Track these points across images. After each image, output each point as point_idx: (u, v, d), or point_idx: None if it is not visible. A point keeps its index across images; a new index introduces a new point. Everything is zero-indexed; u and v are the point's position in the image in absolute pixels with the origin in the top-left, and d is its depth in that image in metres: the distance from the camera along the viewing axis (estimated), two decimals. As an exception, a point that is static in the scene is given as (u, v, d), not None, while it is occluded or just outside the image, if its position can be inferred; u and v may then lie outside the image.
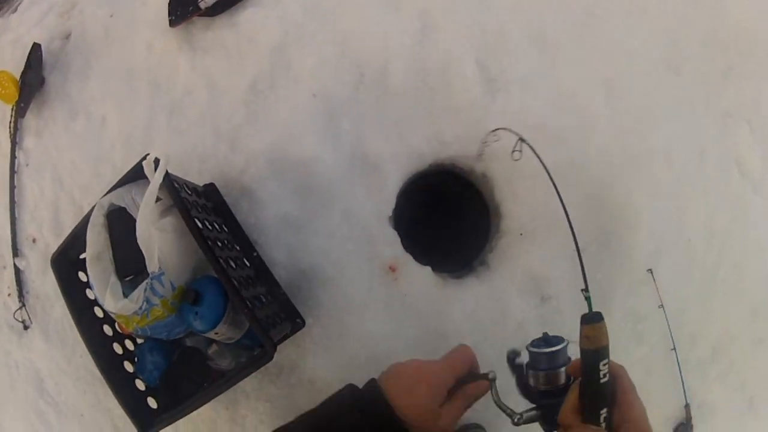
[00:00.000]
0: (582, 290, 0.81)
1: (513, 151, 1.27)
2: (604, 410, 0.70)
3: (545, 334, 0.87)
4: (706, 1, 1.91)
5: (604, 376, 0.70)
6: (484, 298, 1.50)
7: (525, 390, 0.84)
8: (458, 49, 1.57)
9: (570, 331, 1.52)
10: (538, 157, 1.14)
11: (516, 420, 0.79)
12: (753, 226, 1.80)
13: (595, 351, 0.70)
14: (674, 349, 1.65)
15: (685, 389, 1.69)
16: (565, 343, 0.83)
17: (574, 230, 1.48)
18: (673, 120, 1.74)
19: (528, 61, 1.62)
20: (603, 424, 0.70)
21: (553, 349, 0.82)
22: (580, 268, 1.39)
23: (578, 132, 1.60)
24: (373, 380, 0.84)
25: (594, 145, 1.61)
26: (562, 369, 0.81)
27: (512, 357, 0.89)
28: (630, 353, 1.65)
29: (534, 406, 0.81)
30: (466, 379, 0.84)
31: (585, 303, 0.83)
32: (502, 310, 1.49)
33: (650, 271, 1.62)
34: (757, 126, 1.89)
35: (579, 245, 1.48)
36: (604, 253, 1.58)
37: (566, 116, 1.60)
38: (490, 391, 0.82)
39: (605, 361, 0.70)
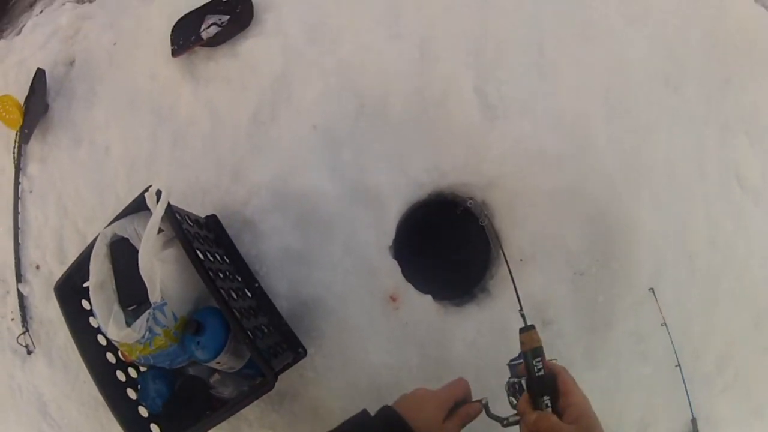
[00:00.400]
0: (519, 311, 1.02)
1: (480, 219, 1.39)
2: (546, 398, 0.87)
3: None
4: (703, 14, 1.94)
5: (539, 370, 0.89)
6: (486, 324, 1.50)
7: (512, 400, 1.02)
8: (457, 76, 1.59)
9: (573, 354, 1.55)
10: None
11: (504, 423, 0.96)
12: (754, 237, 1.81)
13: (531, 351, 0.91)
14: (678, 366, 1.64)
15: (691, 404, 1.68)
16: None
17: (572, 251, 1.50)
18: (673, 135, 1.76)
19: (527, 85, 1.64)
20: (548, 409, 0.86)
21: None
22: (576, 288, 1.42)
23: (578, 154, 1.61)
24: (386, 405, 0.98)
25: (594, 166, 1.62)
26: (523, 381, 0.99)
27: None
28: (633, 372, 1.65)
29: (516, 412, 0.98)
30: (463, 404, 1.00)
31: (589, 326, 1.04)
32: (503, 336, 1.49)
33: (652, 290, 1.62)
34: (756, 137, 1.91)
35: (579, 269, 1.51)
36: (605, 275, 1.59)
37: (566, 139, 1.61)
38: (483, 412, 0.99)
39: (539, 358, 0.90)
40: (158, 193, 1.21)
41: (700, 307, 1.73)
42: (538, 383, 0.89)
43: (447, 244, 1.72)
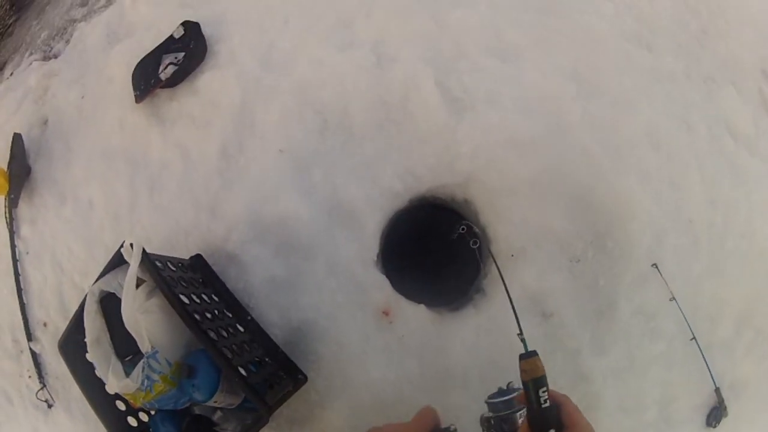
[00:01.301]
0: (518, 334, 0.92)
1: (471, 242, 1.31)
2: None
3: (500, 388, 1.04)
4: None
5: (545, 401, 0.80)
6: (485, 326, 1.48)
7: None
8: (417, 73, 1.56)
9: (579, 343, 1.49)
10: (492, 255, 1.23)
11: None
12: (754, 189, 1.75)
13: (533, 380, 0.81)
14: (694, 338, 1.59)
15: (712, 374, 1.64)
16: (517, 392, 0.97)
17: (563, 240, 1.47)
18: (653, 97, 1.70)
19: (490, 72, 1.60)
20: None
21: (508, 397, 0.98)
22: (573, 277, 1.42)
23: (553, 135, 1.56)
24: None
25: (572, 145, 1.57)
26: (518, 413, 0.96)
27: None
28: (645, 351, 1.60)
29: None
30: None
31: (593, 312, 0.96)
32: (504, 335, 1.46)
33: (655, 265, 1.57)
34: (743, 84, 1.85)
35: (574, 256, 1.48)
36: (602, 257, 1.55)
37: (538, 121, 1.57)
38: None
39: (544, 388, 0.80)
40: (132, 246, 1.23)
41: (708, 272, 1.67)
42: (543, 416, 0.80)
43: (435, 249, 1.70)
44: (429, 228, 1.66)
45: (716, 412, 1.69)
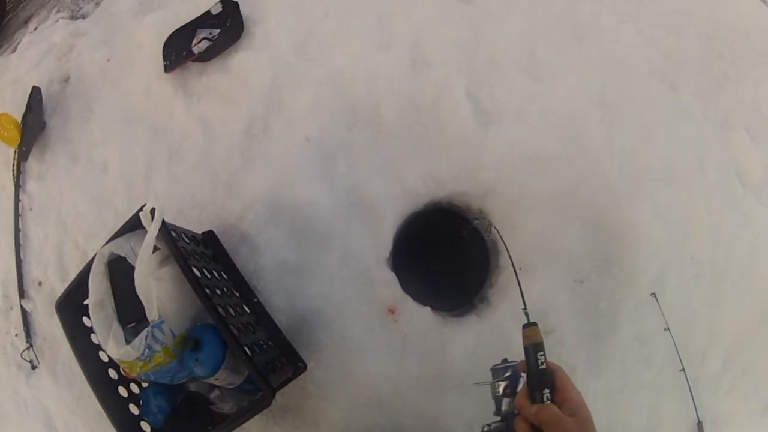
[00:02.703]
0: (522, 309, 1.02)
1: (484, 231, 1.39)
2: (546, 391, 0.88)
3: (504, 359, 1.13)
4: (697, 8, 1.92)
5: (542, 364, 0.90)
6: (485, 334, 1.50)
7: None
8: (449, 81, 1.58)
9: (576, 361, 1.53)
10: (504, 244, 1.22)
11: (485, 429, 1.00)
12: (757, 234, 1.78)
13: (533, 345, 0.92)
14: (683, 370, 1.63)
15: (696, 407, 1.68)
16: (518, 362, 1.05)
17: (570, 258, 1.49)
18: (671, 133, 1.74)
19: (520, 89, 1.63)
20: (547, 402, 0.88)
21: (509, 364, 1.09)
22: (576, 296, 1.41)
23: (574, 157, 1.60)
24: None
25: (591, 168, 1.60)
26: (519, 383, 1.05)
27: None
28: (637, 377, 1.64)
29: (500, 419, 1.02)
30: None
31: (591, 333, 1.11)
32: (503, 345, 1.48)
33: (654, 295, 1.61)
34: (757, 132, 1.89)
35: (579, 276, 1.49)
36: (606, 281, 1.58)
37: (562, 142, 1.60)
38: None
39: (541, 353, 0.91)
40: (152, 212, 1.21)
41: (704, 307, 1.71)
42: (540, 376, 0.90)
43: (445, 255, 1.71)
44: (441, 233, 1.68)
45: (696, 446, 1.71)
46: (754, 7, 2.04)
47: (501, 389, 1.05)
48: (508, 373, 1.08)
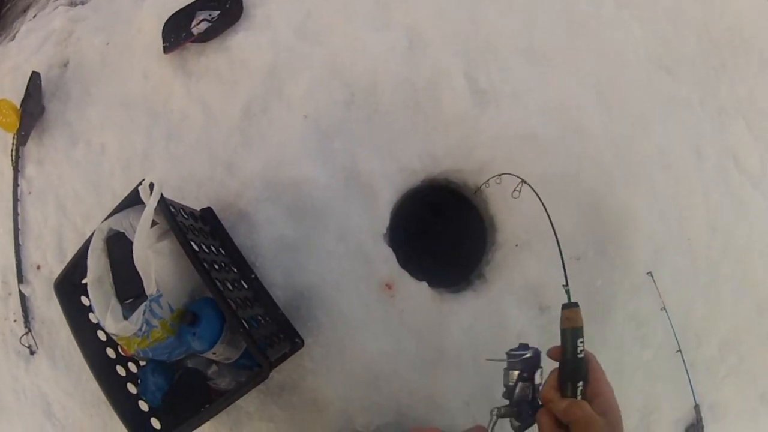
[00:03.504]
0: (563, 285, 0.94)
1: (513, 191, 1.33)
2: (581, 384, 0.80)
3: (521, 344, 1.00)
4: (698, 0, 1.93)
5: (581, 352, 0.82)
6: (482, 311, 1.50)
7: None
8: (446, 63, 1.60)
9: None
10: (541, 200, 1.21)
11: (494, 413, 0.91)
12: (755, 221, 1.80)
13: (573, 329, 0.83)
14: (680, 351, 1.63)
15: (693, 390, 1.67)
16: (535, 348, 0.97)
17: (566, 237, 1.49)
18: (668, 120, 1.75)
19: (517, 71, 1.64)
20: (580, 397, 0.79)
21: (527, 351, 0.96)
22: (573, 273, 1.41)
23: (571, 140, 1.61)
24: None
25: (587, 151, 1.61)
26: (537, 371, 0.94)
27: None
28: (634, 357, 1.64)
29: (508, 402, 0.93)
30: None
31: (587, 312, 0.90)
32: (500, 322, 1.49)
33: (650, 273, 1.61)
34: (754, 121, 1.90)
35: (575, 254, 1.49)
36: (602, 260, 1.59)
37: (558, 125, 1.61)
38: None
39: (581, 339, 0.82)
40: (151, 186, 1.22)
41: (700, 291, 1.72)
42: (577, 366, 0.81)
43: (442, 231, 1.72)
44: (437, 211, 1.69)
45: (693, 430, 1.73)
46: (754, 1, 2.04)
47: (515, 377, 0.94)
48: (527, 355, 0.97)
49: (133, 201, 1.29)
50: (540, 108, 1.61)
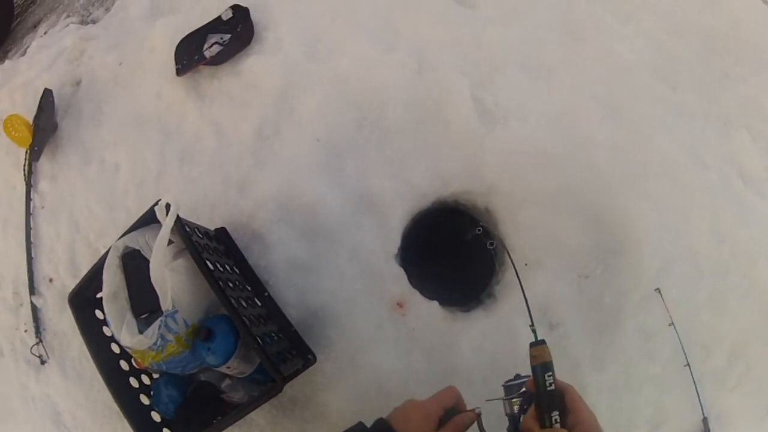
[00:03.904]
0: (530, 326, 1.03)
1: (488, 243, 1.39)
2: (555, 413, 0.88)
3: (517, 374, 1.09)
4: (699, 10, 1.97)
5: (550, 384, 0.89)
6: (492, 329, 1.52)
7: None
8: (453, 84, 1.63)
9: (581, 356, 1.55)
10: (508, 252, 1.30)
11: None
12: (760, 230, 1.80)
13: (541, 365, 0.90)
14: (687, 365, 1.63)
15: (701, 403, 1.68)
16: (524, 379, 1.05)
17: (574, 254, 1.52)
18: (671, 130, 1.77)
19: (521, 89, 1.67)
20: (557, 425, 0.87)
21: (512, 383, 1.07)
22: (581, 290, 1.52)
23: (576, 154, 1.63)
24: (380, 418, 1.02)
25: (592, 165, 1.64)
26: (516, 398, 1.03)
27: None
28: (642, 371, 1.65)
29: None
30: (455, 412, 1.02)
31: (596, 328, 1.05)
32: (510, 340, 1.51)
33: (658, 290, 1.62)
34: (757, 130, 1.92)
35: (583, 271, 1.53)
36: (610, 276, 1.60)
37: (563, 139, 1.64)
38: (477, 423, 1.02)
39: (549, 373, 0.89)
40: (167, 206, 1.26)
41: (707, 303, 1.72)
42: (548, 398, 0.89)
43: (453, 251, 1.74)
44: (448, 231, 1.71)
45: (702, 442, 1.73)
46: (755, 7, 2.09)
47: (515, 406, 1.02)
48: (523, 389, 1.04)
49: (148, 220, 1.32)
50: (545, 123, 1.64)
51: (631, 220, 1.63)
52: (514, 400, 1.02)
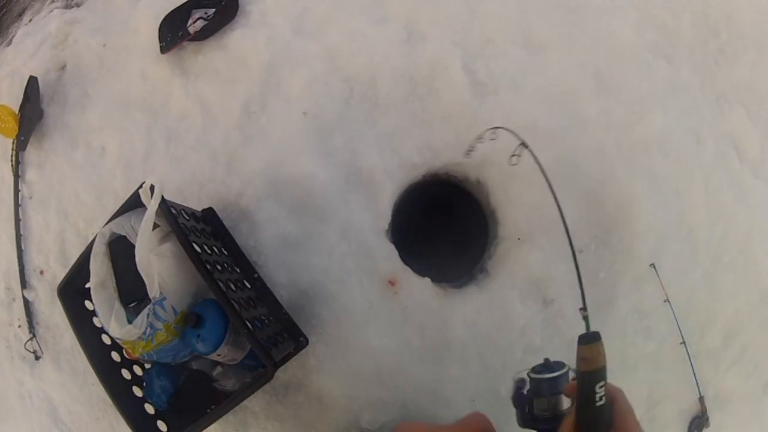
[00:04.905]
0: (580, 309, 0.79)
1: (512, 156, 1.17)
2: None
3: (546, 359, 0.86)
4: None
5: (600, 399, 0.68)
6: (486, 305, 1.50)
7: (524, 420, 0.84)
8: (445, 55, 1.58)
9: (575, 333, 1.51)
10: (539, 165, 1.08)
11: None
12: (755, 209, 1.78)
13: (591, 373, 0.68)
14: (683, 343, 1.62)
15: (697, 381, 1.67)
16: (565, 369, 0.83)
17: (572, 234, 1.47)
18: (667, 107, 1.74)
19: (515, 61, 1.63)
20: None
21: (555, 374, 0.82)
22: (572, 267, 1.39)
23: (570, 128, 1.60)
24: None
25: (587, 140, 1.60)
26: (562, 396, 0.81)
27: (519, 386, 0.89)
28: (638, 349, 1.64)
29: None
30: None
31: (591, 304, 0.82)
32: (504, 316, 1.49)
33: (653, 265, 1.60)
34: (754, 107, 1.88)
35: (578, 246, 1.48)
36: (604, 252, 1.58)
37: (557, 113, 1.60)
38: None
39: (602, 383, 0.68)
40: (152, 188, 1.22)
41: (703, 281, 1.71)
42: (595, 416, 0.69)
43: (444, 226, 1.71)
44: (439, 205, 1.68)
45: (698, 421, 1.73)
46: None
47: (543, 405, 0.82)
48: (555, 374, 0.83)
49: (134, 204, 1.28)
50: (539, 96, 1.61)
51: (625, 196, 1.61)
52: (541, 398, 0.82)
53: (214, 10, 1.63)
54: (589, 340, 0.70)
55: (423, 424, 0.87)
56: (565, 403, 0.82)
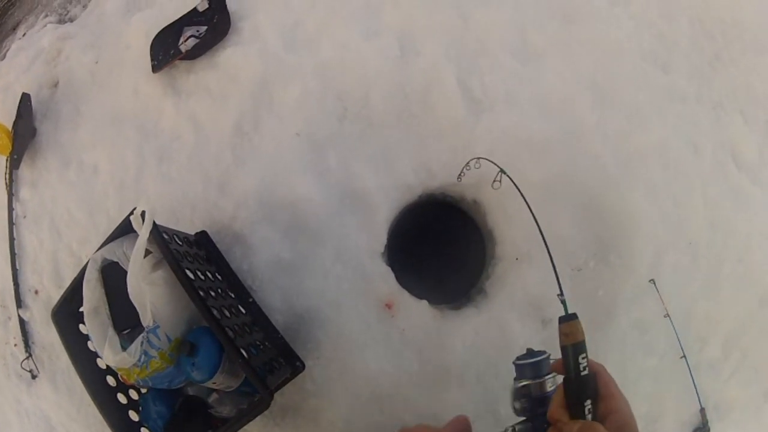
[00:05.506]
0: (558, 295, 0.86)
1: (493, 182, 1.23)
2: (588, 402, 0.74)
3: (529, 349, 0.92)
4: None
5: (584, 369, 0.75)
6: (484, 327, 1.48)
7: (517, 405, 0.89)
8: (439, 70, 1.56)
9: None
10: (519, 189, 1.15)
11: (509, 431, 0.84)
12: (754, 216, 1.76)
13: (573, 346, 0.76)
14: (684, 357, 1.61)
15: (698, 394, 1.65)
16: (546, 354, 0.89)
17: (567, 246, 1.46)
18: (664, 115, 1.72)
19: (511, 75, 1.61)
20: (589, 416, 0.74)
21: (537, 359, 0.88)
22: (575, 283, 1.38)
23: (567, 141, 1.58)
24: None
25: (584, 152, 1.58)
26: (547, 377, 0.86)
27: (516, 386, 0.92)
28: (638, 364, 1.62)
29: (524, 418, 0.86)
30: None
31: (590, 322, 0.85)
32: (503, 337, 1.47)
33: (652, 281, 1.59)
34: (751, 114, 1.87)
35: (576, 264, 1.47)
36: (603, 268, 1.56)
37: (554, 126, 1.58)
38: None
39: (583, 354, 0.76)
40: (143, 215, 1.20)
41: (702, 292, 1.69)
42: (581, 385, 0.75)
43: (441, 246, 1.69)
44: (435, 226, 1.67)
45: (699, 432, 1.71)
46: None
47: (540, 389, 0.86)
48: (551, 374, 0.87)
49: (126, 229, 1.26)
50: (535, 109, 1.58)
51: (623, 209, 1.59)
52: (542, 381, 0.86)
53: (205, 27, 1.61)
54: (568, 318, 0.79)
55: (421, 426, 0.93)
56: (548, 385, 0.86)
